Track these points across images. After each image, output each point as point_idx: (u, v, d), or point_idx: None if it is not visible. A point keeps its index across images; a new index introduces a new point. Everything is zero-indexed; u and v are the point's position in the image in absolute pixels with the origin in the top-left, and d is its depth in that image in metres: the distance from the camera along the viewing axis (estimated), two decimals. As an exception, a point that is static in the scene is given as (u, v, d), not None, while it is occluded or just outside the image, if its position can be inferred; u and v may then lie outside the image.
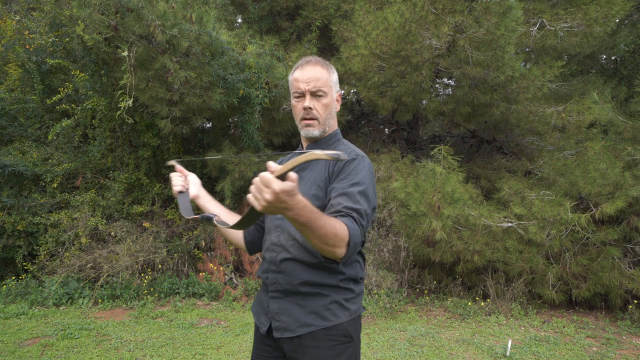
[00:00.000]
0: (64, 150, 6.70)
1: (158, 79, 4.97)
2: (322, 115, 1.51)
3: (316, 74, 1.48)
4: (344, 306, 1.46)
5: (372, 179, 1.44)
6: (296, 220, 1.09)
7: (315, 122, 1.51)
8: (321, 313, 1.43)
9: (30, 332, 4.40)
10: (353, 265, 1.49)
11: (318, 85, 1.48)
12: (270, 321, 1.50)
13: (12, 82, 6.93)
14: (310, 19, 6.93)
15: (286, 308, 1.46)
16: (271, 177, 1.00)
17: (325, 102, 1.51)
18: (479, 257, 4.91)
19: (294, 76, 1.53)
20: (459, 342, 4.26)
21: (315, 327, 1.42)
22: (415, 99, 6.01)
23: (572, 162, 5.38)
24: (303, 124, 1.52)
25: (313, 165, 1.52)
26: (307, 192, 1.45)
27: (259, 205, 1.04)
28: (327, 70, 1.52)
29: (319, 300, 1.43)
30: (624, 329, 4.63)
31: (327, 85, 1.50)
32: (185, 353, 3.91)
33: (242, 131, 5.86)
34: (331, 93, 1.52)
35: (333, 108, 1.55)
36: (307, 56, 1.57)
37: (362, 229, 1.32)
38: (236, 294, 5.61)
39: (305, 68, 1.50)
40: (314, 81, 1.48)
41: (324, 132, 1.55)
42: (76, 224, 5.95)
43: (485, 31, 4.84)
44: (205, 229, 6.38)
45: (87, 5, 4.59)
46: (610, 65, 8.49)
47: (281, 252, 1.48)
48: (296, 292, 1.44)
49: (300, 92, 1.50)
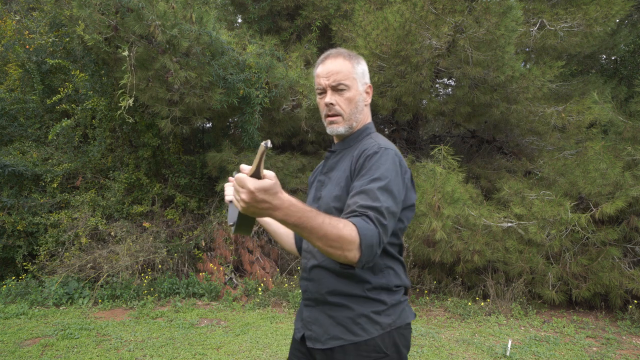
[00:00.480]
0: (64, 150, 6.70)
1: (158, 79, 4.97)
2: (346, 111, 1.41)
3: (336, 67, 1.39)
4: (373, 320, 1.34)
5: (398, 172, 1.29)
6: (286, 221, 1.03)
7: (339, 118, 1.41)
8: (349, 327, 1.35)
9: (30, 332, 4.40)
10: (384, 272, 1.36)
11: (338, 79, 1.38)
12: (303, 329, 1.45)
13: (12, 82, 6.93)
14: (310, 19, 6.93)
15: (317, 317, 1.41)
16: (244, 176, 0.97)
17: (349, 95, 1.40)
18: (479, 257, 4.91)
19: (316, 72, 1.44)
20: (459, 342, 4.26)
21: (344, 341, 1.34)
22: (415, 99, 6.01)
23: (572, 162, 5.38)
24: (327, 121, 1.44)
25: (341, 164, 1.43)
26: (330, 194, 1.38)
27: (240, 207, 1.01)
28: (349, 62, 1.41)
29: (346, 312, 1.35)
30: (624, 329, 4.63)
31: (350, 78, 1.40)
32: (185, 353, 3.91)
33: (242, 131, 5.86)
34: (355, 85, 1.41)
35: (360, 101, 1.43)
36: (330, 49, 1.48)
37: (384, 228, 1.18)
38: (236, 294, 5.61)
39: (326, 62, 1.41)
40: (334, 74, 1.38)
41: (350, 128, 1.44)
42: (76, 224, 5.96)
43: (485, 31, 4.84)
44: (205, 229, 6.38)
45: (87, 5, 4.59)
46: (610, 65, 8.49)
47: (310, 258, 1.43)
48: (325, 301, 1.38)
49: (322, 87, 1.41)
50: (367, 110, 1.49)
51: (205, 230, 6.35)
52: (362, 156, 1.33)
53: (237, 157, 5.93)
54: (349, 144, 1.46)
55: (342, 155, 1.47)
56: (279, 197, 1.00)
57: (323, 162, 1.55)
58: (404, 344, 1.39)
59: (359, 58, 1.46)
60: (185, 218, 6.71)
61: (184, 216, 6.73)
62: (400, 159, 1.34)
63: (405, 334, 1.40)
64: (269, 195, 0.98)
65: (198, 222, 6.69)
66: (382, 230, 1.17)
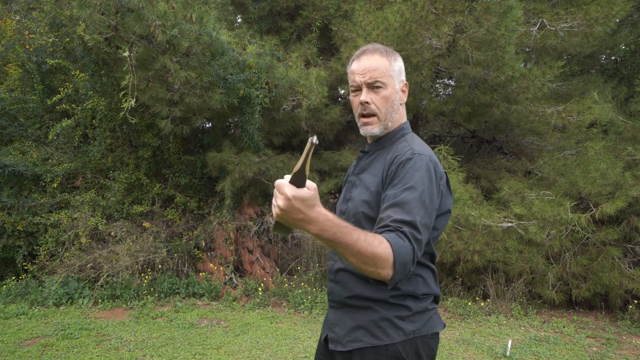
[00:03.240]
0: (64, 150, 6.70)
1: (158, 79, 4.97)
2: (381, 110, 1.34)
3: (373, 64, 1.32)
4: (396, 325, 1.30)
5: (432, 179, 1.24)
6: (322, 236, 1.00)
7: (374, 118, 1.35)
8: (370, 329, 1.32)
9: (30, 332, 4.40)
10: (412, 280, 1.31)
11: (375, 76, 1.31)
12: (327, 331, 1.44)
13: (12, 82, 6.93)
14: (310, 19, 6.93)
15: (341, 319, 1.39)
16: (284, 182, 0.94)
17: (385, 94, 1.33)
18: (479, 257, 4.91)
19: (351, 68, 1.37)
20: (459, 342, 4.26)
21: (363, 343, 1.31)
22: (416, 99, 6.01)
23: (572, 162, 5.38)
24: (361, 122, 1.38)
25: (374, 167, 1.37)
26: (360, 198, 1.34)
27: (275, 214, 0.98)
28: (386, 58, 1.34)
29: (368, 314, 1.33)
30: (624, 329, 4.63)
31: (387, 75, 1.33)
32: (185, 353, 3.91)
33: (242, 131, 5.86)
34: (392, 83, 1.34)
35: (396, 100, 1.37)
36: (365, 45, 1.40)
37: (418, 243, 1.13)
38: (236, 294, 5.61)
39: (362, 58, 1.34)
40: (371, 71, 1.31)
41: (385, 129, 1.37)
42: (76, 224, 5.96)
43: (485, 31, 4.84)
44: (205, 229, 6.38)
45: (88, 6, 4.59)
46: (610, 65, 8.48)
47: (337, 261, 1.41)
48: (348, 304, 1.37)
49: (357, 85, 1.34)
50: (402, 109, 1.43)
51: (205, 230, 6.35)
52: (394, 162, 1.28)
53: (237, 157, 5.93)
54: (382, 144, 1.40)
55: (375, 156, 1.41)
56: (316, 210, 0.97)
57: (355, 162, 1.51)
58: (428, 353, 1.33)
59: (396, 54, 1.39)
60: (185, 218, 6.71)
61: (184, 216, 6.73)
62: (436, 164, 1.28)
63: (430, 344, 1.34)
64: (306, 207, 0.96)
65: (198, 222, 6.69)
66: (416, 246, 1.13)
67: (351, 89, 1.38)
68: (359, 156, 1.50)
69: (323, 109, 6.33)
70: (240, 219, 6.43)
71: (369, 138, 1.46)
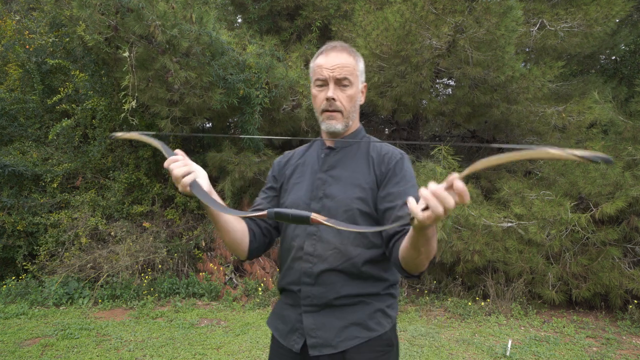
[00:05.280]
0: (64, 150, 6.70)
1: (158, 79, 4.97)
2: (346, 108, 1.35)
3: (342, 61, 1.33)
4: (387, 314, 1.35)
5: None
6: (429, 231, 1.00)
7: (338, 114, 1.35)
8: (366, 323, 1.31)
9: (30, 332, 4.40)
10: (392, 269, 1.37)
11: (344, 73, 1.32)
12: (304, 338, 1.33)
13: (12, 82, 6.93)
14: (310, 19, 6.93)
15: (323, 322, 1.32)
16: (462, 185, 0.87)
17: (351, 93, 1.35)
18: (479, 257, 4.91)
19: (317, 62, 1.36)
20: (459, 342, 4.26)
21: (360, 339, 1.30)
22: (415, 99, 6.01)
23: (572, 162, 5.38)
24: (325, 116, 1.37)
25: (348, 164, 1.38)
26: (350, 195, 1.32)
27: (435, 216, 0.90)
28: (354, 58, 1.37)
29: (362, 309, 1.32)
30: (624, 329, 4.63)
31: (354, 74, 1.35)
32: (185, 353, 3.91)
33: (242, 131, 5.86)
34: (357, 83, 1.36)
35: (358, 100, 1.39)
36: (332, 41, 1.41)
37: None
38: (236, 294, 5.61)
39: (330, 54, 1.35)
40: (340, 68, 1.32)
41: (347, 127, 1.39)
42: (76, 224, 5.96)
43: (485, 31, 4.84)
44: (205, 229, 6.38)
45: (88, 6, 4.59)
46: (610, 65, 8.48)
47: (318, 263, 1.32)
48: (334, 304, 1.32)
49: (324, 79, 1.33)
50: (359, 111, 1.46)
51: (206, 230, 6.35)
52: (386, 161, 1.32)
53: (237, 157, 5.93)
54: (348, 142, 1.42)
55: (344, 154, 1.41)
56: None
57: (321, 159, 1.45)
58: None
59: (359, 55, 1.42)
60: (185, 218, 6.71)
61: (184, 216, 6.73)
62: None
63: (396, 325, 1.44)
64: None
65: (198, 222, 6.69)
66: None
67: (316, 83, 1.36)
68: (324, 153, 1.44)
69: (323, 109, 6.32)
70: (240, 219, 6.42)
71: (327, 134, 1.44)
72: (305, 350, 1.33)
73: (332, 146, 1.45)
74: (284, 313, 1.42)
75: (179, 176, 1.15)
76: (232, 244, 1.37)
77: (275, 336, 1.44)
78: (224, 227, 1.30)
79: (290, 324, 1.38)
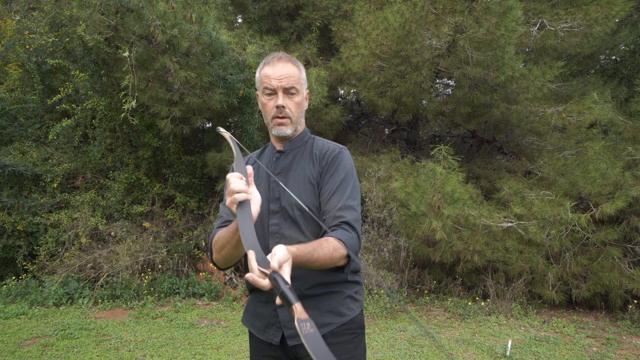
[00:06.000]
0: (64, 150, 6.70)
1: (158, 79, 4.97)
2: (294, 114, 1.48)
3: (288, 71, 1.44)
4: (355, 299, 1.49)
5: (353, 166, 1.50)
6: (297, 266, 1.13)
7: (287, 120, 1.47)
8: (337, 310, 1.43)
9: (30, 332, 4.40)
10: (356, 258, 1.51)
11: (291, 82, 1.44)
12: (282, 331, 1.43)
13: (12, 82, 6.93)
14: (310, 19, 6.93)
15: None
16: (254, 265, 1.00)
17: (298, 100, 1.47)
18: (479, 257, 4.91)
19: (264, 72, 1.46)
20: (459, 342, 4.26)
21: (334, 324, 1.42)
22: (415, 99, 6.01)
23: (572, 162, 5.38)
24: (275, 122, 1.48)
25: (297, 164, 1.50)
26: (302, 192, 1.44)
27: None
28: (298, 68, 1.48)
29: (334, 297, 1.44)
30: (624, 329, 4.63)
31: (299, 83, 1.47)
32: (185, 353, 3.91)
33: (242, 131, 5.86)
34: (302, 90, 1.50)
35: (304, 106, 1.53)
36: (276, 52, 1.52)
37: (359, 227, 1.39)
38: (236, 294, 5.61)
39: (277, 65, 1.45)
40: (287, 78, 1.43)
41: (295, 131, 1.51)
42: (76, 224, 5.96)
43: (485, 31, 4.84)
44: (205, 228, 6.38)
45: (88, 6, 4.59)
46: (610, 65, 8.48)
47: None
48: (308, 295, 1.40)
49: (272, 88, 1.44)
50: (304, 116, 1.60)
51: (206, 230, 6.35)
52: (326, 156, 1.48)
53: (237, 157, 5.92)
54: (296, 144, 1.54)
55: (293, 155, 1.53)
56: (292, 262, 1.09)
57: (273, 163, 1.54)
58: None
59: (301, 65, 1.55)
60: (186, 218, 6.71)
61: (184, 216, 6.73)
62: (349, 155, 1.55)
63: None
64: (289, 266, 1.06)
65: (198, 222, 6.69)
66: (359, 231, 1.37)
67: (265, 92, 1.47)
68: (276, 157, 1.55)
69: (323, 109, 6.33)
70: (240, 219, 6.42)
71: (276, 140, 1.56)
72: (285, 341, 1.43)
73: (281, 149, 1.55)
74: (258, 311, 1.51)
75: (234, 190, 1.19)
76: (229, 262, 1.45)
77: (252, 333, 1.53)
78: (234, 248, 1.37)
79: (266, 319, 1.47)
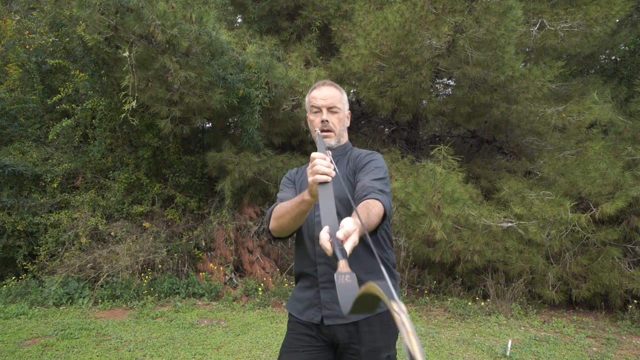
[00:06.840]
0: (64, 150, 6.70)
1: (158, 79, 4.97)
2: (337, 128, 1.73)
3: (331, 93, 1.72)
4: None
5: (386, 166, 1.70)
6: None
7: (332, 133, 1.72)
8: None
9: (30, 332, 4.40)
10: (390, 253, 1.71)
11: (333, 102, 1.71)
12: (321, 312, 1.59)
13: (12, 82, 6.93)
14: (310, 19, 6.93)
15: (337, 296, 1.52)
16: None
17: (340, 116, 1.74)
18: (479, 257, 4.91)
19: (312, 95, 1.75)
20: (459, 342, 4.26)
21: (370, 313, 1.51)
22: (415, 99, 6.01)
23: (572, 162, 5.38)
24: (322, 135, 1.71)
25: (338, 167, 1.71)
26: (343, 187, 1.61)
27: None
28: (339, 91, 1.76)
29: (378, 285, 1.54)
30: (624, 329, 4.63)
31: (340, 103, 1.74)
32: (185, 353, 3.91)
33: (242, 131, 5.85)
34: (344, 109, 1.76)
35: (345, 123, 1.79)
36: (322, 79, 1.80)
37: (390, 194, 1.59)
38: (236, 294, 5.61)
39: (322, 88, 1.75)
40: (330, 98, 1.71)
41: (339, 142, 1.77)
42: (76, 224, 5.96)
43: (485, 31, 4.84)
44: (205, 228, 6.38)
45: (88, 5, 4.59)
46: (610, 65, 8.48)
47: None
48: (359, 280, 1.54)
49: (318, 107, 1.71)
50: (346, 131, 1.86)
51: (205, 230, 6.35)
52: (361, 155, 1.71)
53: (237, 157, 5.93)
54: (339, 153, 1.77)
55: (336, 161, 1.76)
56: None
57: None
58: None
59: (343, 90, 1.82)
60: (185, 218, 6.71)
61: (184, 216, 6.73)
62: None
63: None
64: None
65: (198, 222, 6.69)
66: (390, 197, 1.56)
67: (312, 111, 1.74)
68: None
69: (323, 109, 6.32)
70: (240, 219, 6.43)
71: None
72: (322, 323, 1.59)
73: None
74: (300, 295, 1.69)
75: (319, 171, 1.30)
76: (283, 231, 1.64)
77: (293, 315, 1.69)
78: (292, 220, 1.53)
79: (308, 301, 1.65)
